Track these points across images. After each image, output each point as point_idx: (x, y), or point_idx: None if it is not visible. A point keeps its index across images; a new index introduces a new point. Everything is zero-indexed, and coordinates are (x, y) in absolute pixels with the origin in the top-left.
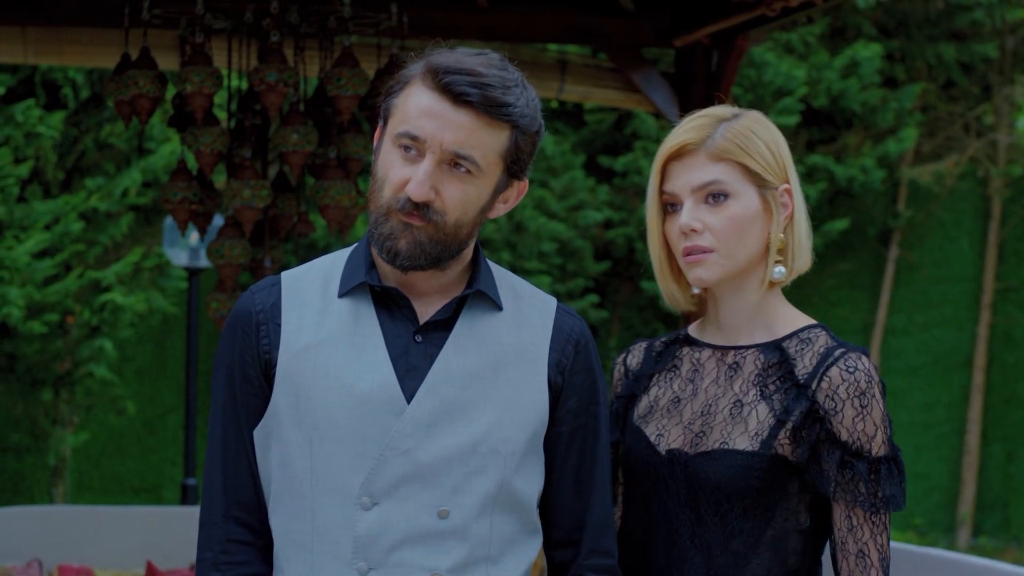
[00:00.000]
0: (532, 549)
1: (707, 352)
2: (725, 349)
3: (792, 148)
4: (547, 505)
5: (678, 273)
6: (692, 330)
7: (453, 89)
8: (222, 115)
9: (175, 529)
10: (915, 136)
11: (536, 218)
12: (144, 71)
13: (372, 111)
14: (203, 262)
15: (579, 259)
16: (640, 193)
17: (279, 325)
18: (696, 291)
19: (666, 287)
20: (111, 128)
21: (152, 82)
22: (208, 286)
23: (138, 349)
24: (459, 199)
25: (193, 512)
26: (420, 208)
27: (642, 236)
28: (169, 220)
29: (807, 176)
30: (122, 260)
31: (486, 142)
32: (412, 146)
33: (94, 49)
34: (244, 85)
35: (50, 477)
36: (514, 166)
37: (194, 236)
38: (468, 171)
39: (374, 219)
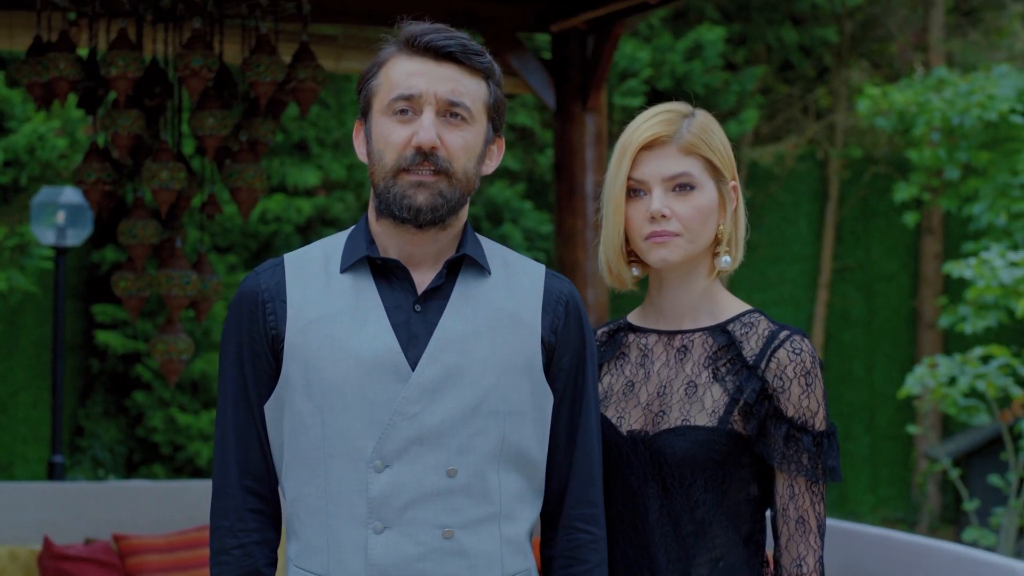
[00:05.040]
0: (538, 506)
1: (653, 337)
2: (671, 334)
3: None
4: None
5: (627, 255)
6: (633, 318)
7: (434, 46)
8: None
9: (71, 505)
10: (756, 118)
11: None
12: (64, 54)
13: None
14: (70, 241)
15: None
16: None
17: (285, 302)
18: (636, 273)
19: (617, 266)
20: None
21: (72, 65)
22: (72, 264)
23: None
24: (460, 145)
25: (86, 488)
26: (430, 157)
27: (488, 216)
28: (37, 199)
29: None
30: None
31: (472, 90)
32: (407, 107)
33: None
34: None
35: None
36: (496, 117)
37: (60, 215)
38: (463, 118)
39: (383, 186)
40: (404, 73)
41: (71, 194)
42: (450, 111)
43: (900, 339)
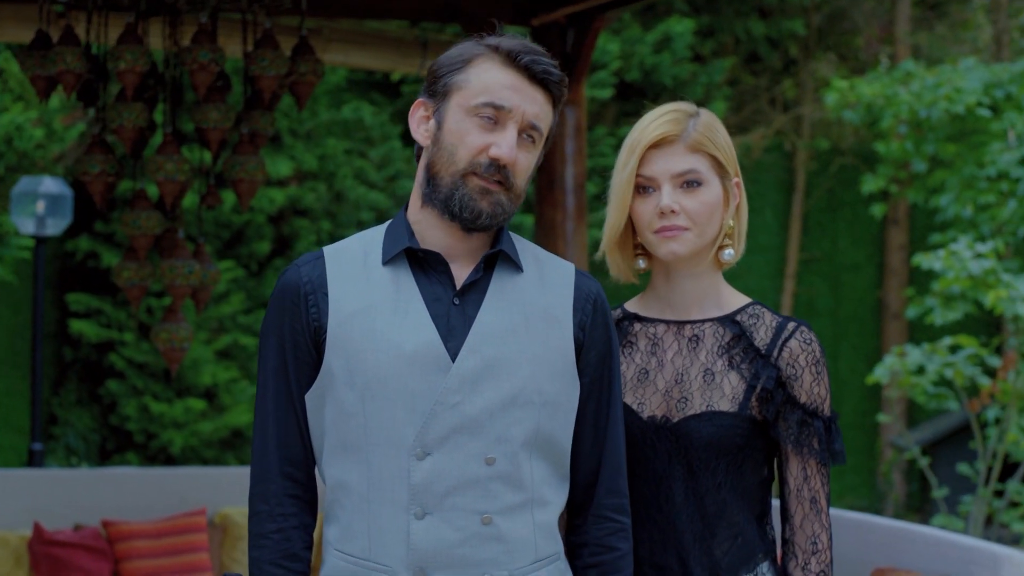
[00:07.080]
0: (565, 492)
1: (662, 327)
2: (680, 323)
3: (603, 121)
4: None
5: (634, 248)
6: (634, 308)
7: (532, 68)
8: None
9: (60, 491)
10: (723, 109)
11: (355, 188)
12: (71, 48)
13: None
14: (49, 230)
15: None
16: None
17: (327, 295)
18: (643, 265)
19: (622, 259)
20: None
21: (79, 59)
22: (50, 253)
23: None
24: (525, 165)
25: (75, 474)
26: (502, 171)
27: None
28: (16, 188)
29: (617, 148)
30: None
31: (548, 117)
32: (494, 115)
33: None
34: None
35: None
36: (547, 143)
37: (40, 205)
38: (534, 140)
39: (450, 181)
40: (499, 83)
41: (51, 184)
42: (527, 132)
43: (866, 329)
